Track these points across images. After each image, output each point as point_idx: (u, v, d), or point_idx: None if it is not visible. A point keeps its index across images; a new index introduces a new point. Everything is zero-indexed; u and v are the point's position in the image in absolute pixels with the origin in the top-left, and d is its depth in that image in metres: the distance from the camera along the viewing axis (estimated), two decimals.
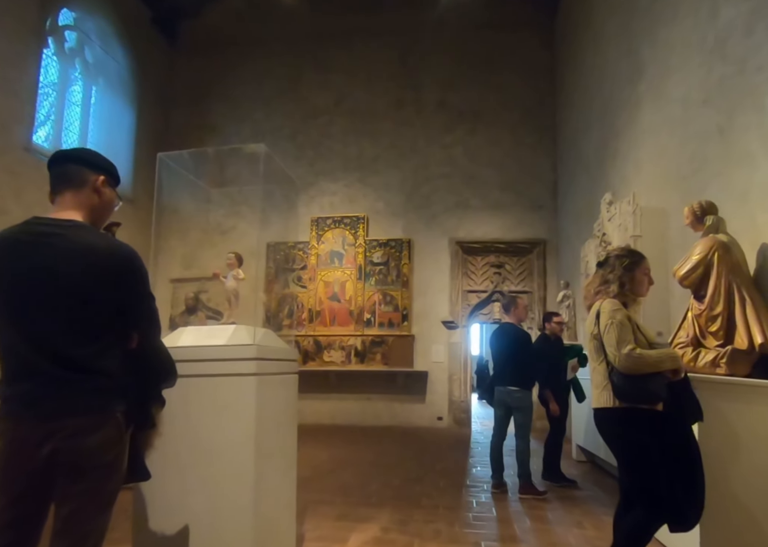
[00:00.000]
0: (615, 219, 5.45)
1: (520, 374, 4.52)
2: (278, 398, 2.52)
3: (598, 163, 7.14)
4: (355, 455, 6.52)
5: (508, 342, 4.61)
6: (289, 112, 11.02)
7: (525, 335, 4.68)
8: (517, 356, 4.52)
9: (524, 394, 4.55)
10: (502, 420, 4.73)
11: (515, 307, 4.73)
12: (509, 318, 4.78)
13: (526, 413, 4.57)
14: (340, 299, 10.09)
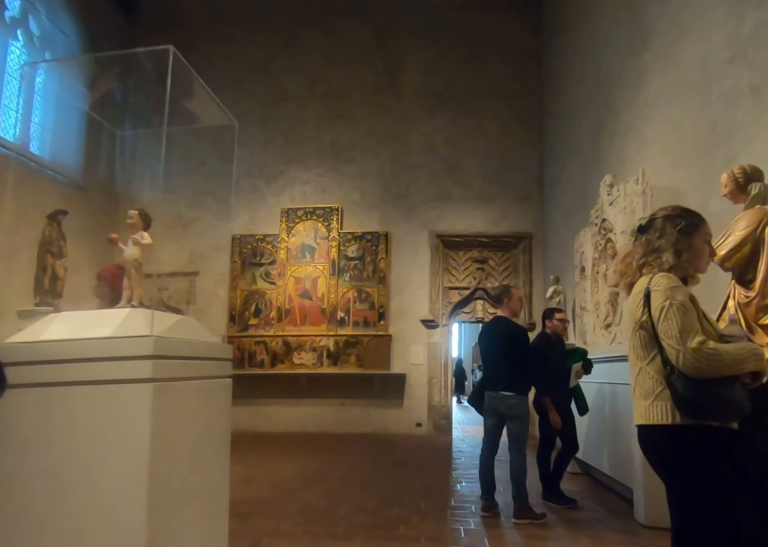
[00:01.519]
0: (618, 202, 4.84)
1: (515, 377, 3.85)
2: (194, 415, 1.76)
3: (593, 147, 6.56)
4: (325, 469, 5.78)
5: (501, 339, 3.93)
6: (259, 95, 10.24)
7: (521, 331, 4.01)
8: (511, 356, 3.85)
9: (520, 400, 3.88)
10: (493, 431, 4.05)
11: (509, 297, 4.06)
12: (502, 311, 4.09)
13: (522, 423, 3.90)
14: (311, 297, 9.33)
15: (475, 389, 4.23)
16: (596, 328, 5.40)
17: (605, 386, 4.75)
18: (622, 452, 4.27)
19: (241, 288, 9.52)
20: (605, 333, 5.15)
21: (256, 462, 6.04)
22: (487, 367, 4.12)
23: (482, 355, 4.17)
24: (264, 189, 9.94)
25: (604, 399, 4.72)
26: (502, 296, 4.08)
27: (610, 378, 4.65)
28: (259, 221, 9.81)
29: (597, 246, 5.42)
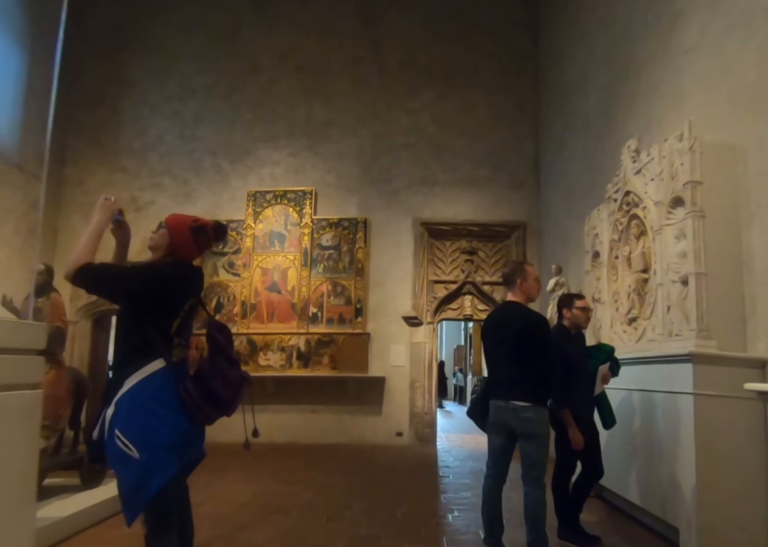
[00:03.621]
0: (649, 168, 3.96)
1: (532, 382, 2.91)
2: None
3: (604, 117, 5.71)
4: (288, 493, 4.77)
5: (514, 331, 2.95)
6: (225, 66, 9.18)
7: (540, 320, 3.04)
8: (528, 353, 2.92)
9: (538, 413, 2.92)
10: (501, 453, 3.09)
11: (522, 277, 3.07)
12: (513, 295, 3.12)
13: (541, 443, 2.95)
14: (280, 290, 8.31)
15: (477, 396, 3.26)
16: (615, 323, 4.51)
17: (633, 393, 3.85)
18: (661, 480, 3.37)
19: None
20: (628, 329, 4.26)
21: (205, 485, 4.99)
22: (494, 368, 3.16)
23: (487, 352, 3.22)
24: (229, 170, 8.88)
25: (632, 410, 3.82)
26: (513, 276, 3.10)
27: (639, 384, 3.76)
28: (223, 206, 8.75)
29: (617, 226, 4.53)
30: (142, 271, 2.09)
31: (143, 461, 1.87)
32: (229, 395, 2.07)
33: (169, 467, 1.92)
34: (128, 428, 1.91)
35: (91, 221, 2.14)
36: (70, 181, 9.10)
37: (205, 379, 2.03)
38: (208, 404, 2.01)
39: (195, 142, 9.02)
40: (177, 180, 8.92)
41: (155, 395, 1.97)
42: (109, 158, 9.09)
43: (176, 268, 2.13)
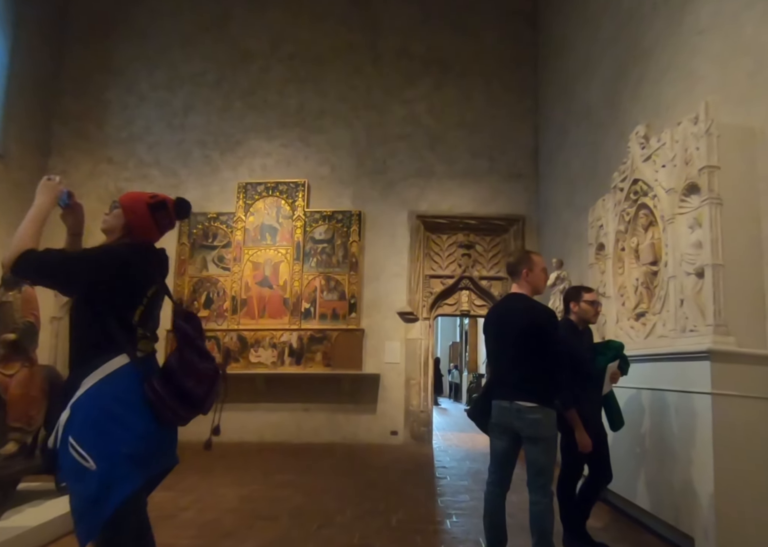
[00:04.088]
0: (660, 154, 3.74)
1: (539, 381, 2.66)
2: None
3: (609, 105, 5.48)
4: (277, 496, 4.54)
5: (520, 325, 2.70)
6: (215, 54, 8.90)
7: (549, 314, 2.78)
8: (535, 350, 2.66)
9: (545, 414, 2.67)
10: (503, 457, 2.85)
11: (528, 267, 2.83)
12: (519, 286, 2.87)
13: (548, 447, 2.71)
14: (271, 285, 8.06)
15: (479, 396, 3.01)
16: (621, 318, 4.30)
17: (642, 392, 3.63)
18: (674, 485, 3.16)
19: (190, 274, 8.18)
20: (636, 325, 4.05)
21: (190, 487, 4.76)
22: (497, 366, 2.91)
23: (490, 348, 2.97)
24: (219, 161, 8.61)
25: (641, 410, 3.61)
26: (519, 266, 2.86)
27: (649, 382, 3.54)
28: (213, 198, 8.48)
29: (623, 216, 4.31)
30: (96, 256, 1.82)
31: (101, 473, 1.63)
32: (202, 390, 1.81)
33: (131, 479, 1.67)
34: (84, 436, 1.66)
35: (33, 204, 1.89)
36: (54, 172, 8.77)
37: (175, 374, 1.78)
38: (179, 403, 1.76)
39: (184, 132, 8.73)
40: (165, 171, 8.64)
41: (117, 396, 1.73)
42: (94, 149, 8.79)
43: (134, 251, 1.87)
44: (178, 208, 2.04)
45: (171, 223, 2.03)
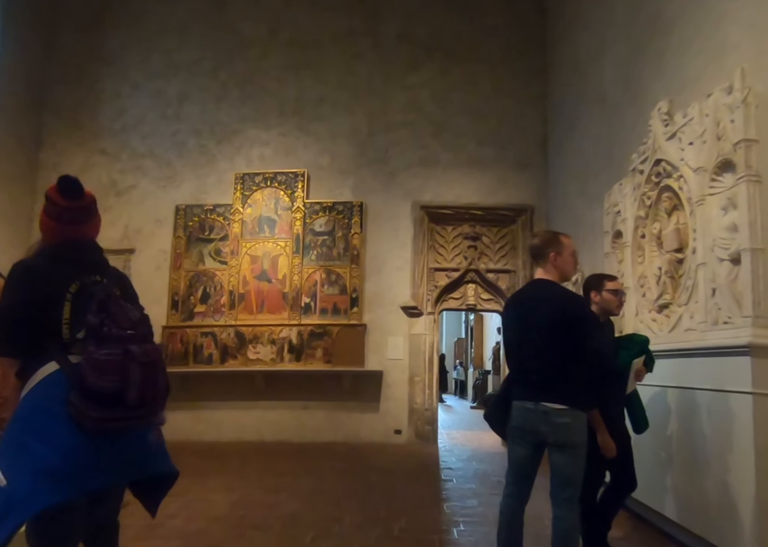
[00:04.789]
0: (687, 131, 3.42)
1: (571, 379, 2.33)
2: None
3: (626, 83, 5.15)
4: (271, 502, 4.25)
5: (549, 316, 2.35)
6: (211, 41, 8.58)
7: (581, 304, 2.47)
8: (567, 345, 2.32)
9: (576, 418, 2.35)
10: (525, 466, 2.50)
11: (557, 250, 2.48)
12: (545, 272, 2.52)
13: (577, 456, 2.36)
14: (270, 279, 7.77)
15: (497, 396, 2.67)
16: (642, 311, 3.98)
17: (668, 391, 3.32)
18: (706, 493, 2.85)
19: (186, 268, 7.90)
20: (659, 317, 3.73)
21: (181, 491, 4.47)
22: (520, 362, 2.54)
23: (510, 342, 2.61)
24: (215, 151, 8.31)
25: (667, 410, 3.30)
26: (546, 248, 2.50)
27: (676, 380, 3.23)
28: (209, 189, 8.19)
29: (644, 200, 3.99)
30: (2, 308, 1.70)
31: (7, 490, 1.48)
32: (109, 382, 1.57)
33: (42, 497, 1.48)
34: (2, 450, 1.51)
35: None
36: (46, 164, 8.52)
37: (80, 374, 1.59)
38: (89, 404, 1.56)
39: (179, 122, 8.44)
40: (160, 162, 8.35)
41: (42, 407, 1.59)
42: (87, 140, 8.51)
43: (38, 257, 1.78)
44: (61, 188, 1.79)
45: (64, 207, 1.79)
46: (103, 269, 1.85)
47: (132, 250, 8.08)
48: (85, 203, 1.83)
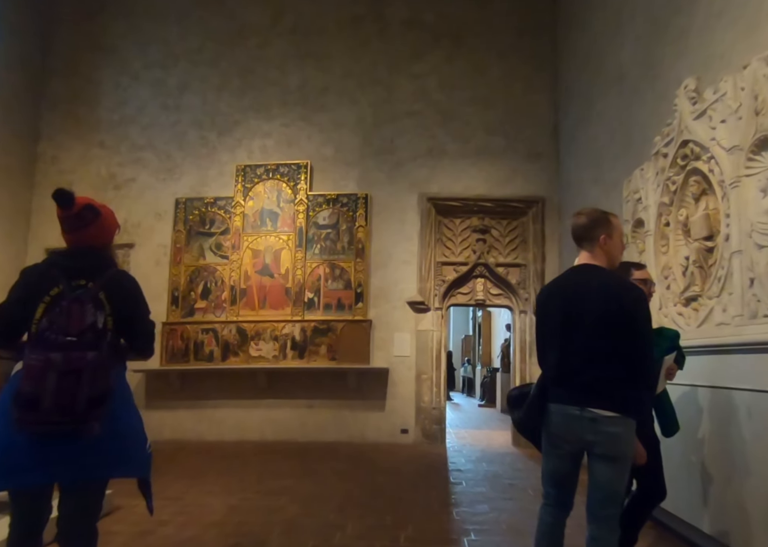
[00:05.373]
0: (718, 108, 3.14)
1: (624, 384, 2.04)
2: None
3: (644, 64, 4.86)
4: (269, 506, 4.02)
5: (602, 307, 2.04)
6: (211, 30, 8.35)
7: (639, 294, 2.11)
8: (622, 342, 2.03)
9: (628, 427, 2.05)
10: (563, 478, 2.19)
11: (607, 232, 2.17)
12: (592, 256, 2.19)
13: (623, 469, 2.08)
14: (272, 273, 7.54)
15: (533, 399, 2.25)
16: (666, 304, 3.70)
17: (699, 390, 3.05)
18: (745, 503, 2.58)
19: (186, 263, 7.68)
20: (686, 311, 3.45)
21: (176, 495, 4.27)
22: (561, 359, 2.15)
23: (549, 335, 2.23)
24: (216, 142, 8.08)
25: (698, 411, 3.03)
26: (594, 229, 2.17)
27: (709, 379, 2.96)
28: (210, 181, 7.97)
29: (668, 186, 3.71)
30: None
31: None
32: (27, 386, 1.67)
33: None
34: None
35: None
36: (44, 157, 8.33)
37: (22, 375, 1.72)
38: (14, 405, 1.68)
39: (179, 113, 8.21)
40: (159, 155, 8.13)
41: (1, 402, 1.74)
42: (85, 132, 8.31)
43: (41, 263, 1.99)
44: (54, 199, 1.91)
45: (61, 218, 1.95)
46: (91, 274, 1.89)
47: (131, 244, 7.87)
48: (76, 212, 1.91)
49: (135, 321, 1.98)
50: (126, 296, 1.95)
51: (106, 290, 1.87)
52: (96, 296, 1.83)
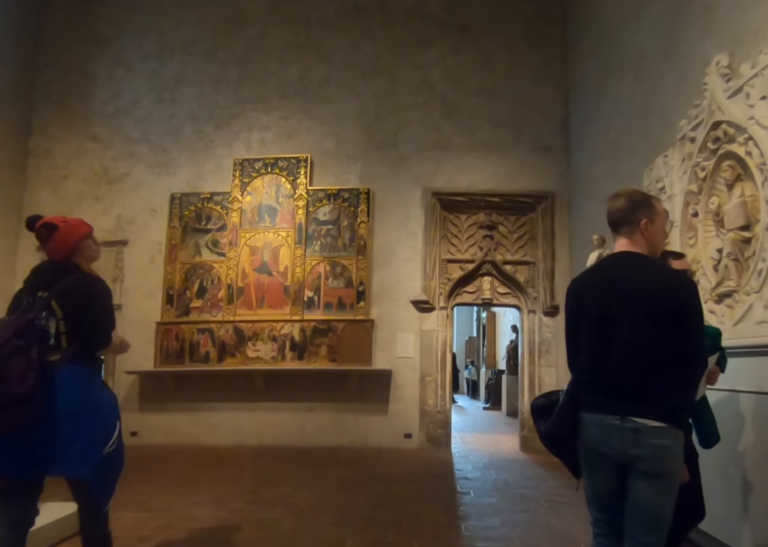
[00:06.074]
0: (757, 84, 2.84)
1: (673, 389, 1.75)
2: None
3: (664, 45, 4.56)
4: (263, 519, 3.73)
5: (650, 302, 1.76)
6: (208, 20, 8.09)
7: (691, 286, 1.85)
8: (671, 340, 1.74)
9: (676, 440, 1.79)
10: (612, 498, 1.87)
11: (648, 215, 1.90)
12: (632, 243, 1.92)
13: (670, 488, 1.78)
14: (271, 271, 7.25)
15: (561, 408, 1.94)
16: None
17: (740, 396, 2.74)
18: None
19: (182, 261, 7.40)
20: (719, 308, 3.15)
21: (163, 506, 3.97)
22: (597, 361, 1.85)
23: (581, 333, 1.93)
24: (213, 136, 7.80)
25: (741, 421, 2.72)
26: (636, 213, 1.90)
27: (751, 383, 2.65)
28: (206, 176, 7.69)
29: (696, 172, 3.41)
30: None
31: None
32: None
33: None
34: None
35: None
36: (37, 152, 8.07)
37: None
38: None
39: (175, 105, 7.95)
40: (154, 148, 7.86)
41: None
42: (79, 126, 8.04)
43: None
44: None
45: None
46: (48, 286, 2.08)
47: (125, 241, 7.60)
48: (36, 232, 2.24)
49: (83, 321, 2.08)
50: (77, 300, 2.08)
51: (56, 298, 2.05)
52: (48, 303, 2.03)
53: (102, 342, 2.16)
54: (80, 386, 2.02)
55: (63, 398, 1.95)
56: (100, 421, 2.04)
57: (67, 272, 2.13)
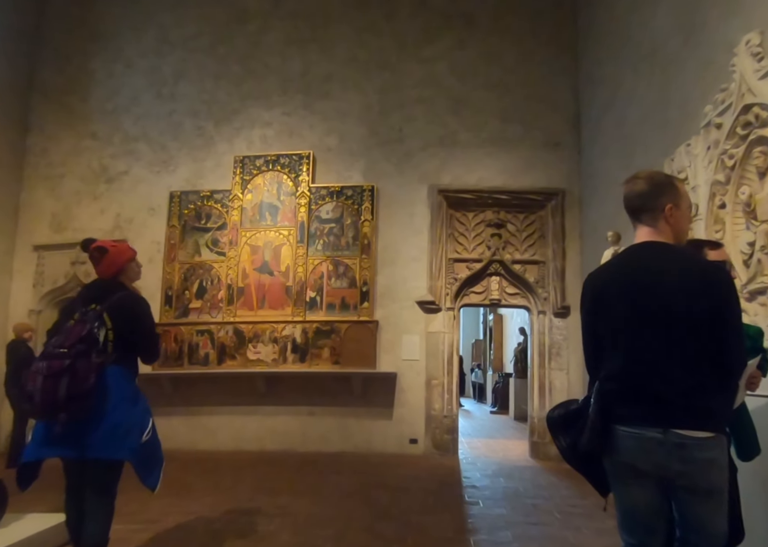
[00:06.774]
0: None
1: (718, 396, 1.56)
2: None
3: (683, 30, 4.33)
4: (258, 532, 3.50)
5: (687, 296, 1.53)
6: (209, 15, 7.92)
7: (730, 282, 1.60)
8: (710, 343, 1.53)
9: (723, 451, 1.59)
10: (656, 516, 1.61)
11: (673, 201, 1.66)
12: (657, 231, 1.68)
13: (720, 503, 1.57)
14: (272, 271, 7.05)
15: (594, 421, 1.65)
16: None
17: None
18: None
19: (181, 260, 7.21)
20: (752, 306, 2.90)
21: (155, 517, 3.75)
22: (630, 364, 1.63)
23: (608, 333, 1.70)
24: (213, 132, 7.62)
25: None
26: (658, 197, 1.68)
27: None
28: (206, 174, 7.51)
29: (723, 161, 3.16)
30: None
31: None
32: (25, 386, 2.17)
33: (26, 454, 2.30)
34: None
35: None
36: (34, 150, 7.91)
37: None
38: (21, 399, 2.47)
39: (174, 102, 7.77)
40: (154, 146, 7.68)
41: None
42: (77, 123, 7.88)
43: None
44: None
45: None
46: (100, 300, 2.41)
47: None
48: (89, 254, 2.53)
49: (134, 334, 2.44)
50: (125, 315, 2.42)
51: (108, 311, 2.38)
52: (100, 315, 2.35)
53: (155, 355, 2.62)
54: (121, 384, 2.38)
55: (108, 393, 2.28)
56: (137, 411, 2.40)
57: (115, 290, 2.47)
